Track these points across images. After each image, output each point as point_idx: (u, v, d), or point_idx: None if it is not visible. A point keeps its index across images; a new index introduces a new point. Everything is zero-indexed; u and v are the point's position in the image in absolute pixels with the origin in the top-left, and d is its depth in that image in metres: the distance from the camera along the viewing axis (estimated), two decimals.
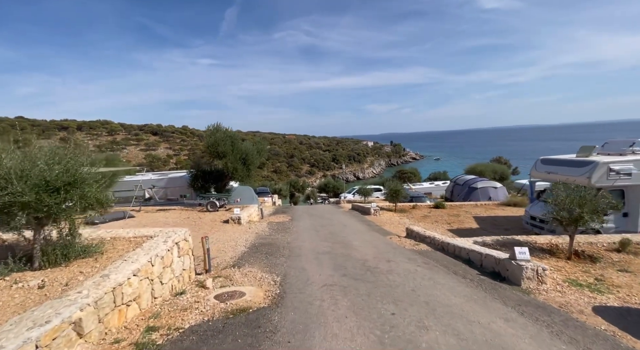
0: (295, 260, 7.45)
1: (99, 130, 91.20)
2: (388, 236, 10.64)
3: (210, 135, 15.86)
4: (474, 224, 14.12)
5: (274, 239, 10.07)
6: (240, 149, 16.31)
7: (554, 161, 11.66)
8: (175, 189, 16.88)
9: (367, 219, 15.08)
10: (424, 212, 16.80)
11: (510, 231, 12.60)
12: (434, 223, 14.38)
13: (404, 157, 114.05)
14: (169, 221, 12.46)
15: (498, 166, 32.44)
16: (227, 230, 11.18)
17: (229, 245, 9.12)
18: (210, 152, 15.83)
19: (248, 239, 9.90)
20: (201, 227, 11.58)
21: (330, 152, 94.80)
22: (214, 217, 13.43)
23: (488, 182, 21.47)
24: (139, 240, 5.90)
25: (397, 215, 16.26)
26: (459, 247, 7.45)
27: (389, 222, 14.15)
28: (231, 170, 15.66)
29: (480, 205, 18.39)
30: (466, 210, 17.19)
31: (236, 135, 16.75)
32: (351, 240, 9.79)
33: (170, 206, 15.81)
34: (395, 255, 7.67)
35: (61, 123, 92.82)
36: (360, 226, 12.79)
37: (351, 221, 14.25)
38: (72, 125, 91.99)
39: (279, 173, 76.56)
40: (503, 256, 6.04)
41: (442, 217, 15.42)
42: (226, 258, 7.86)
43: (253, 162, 16.45)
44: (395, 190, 16.94)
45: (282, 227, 12.38)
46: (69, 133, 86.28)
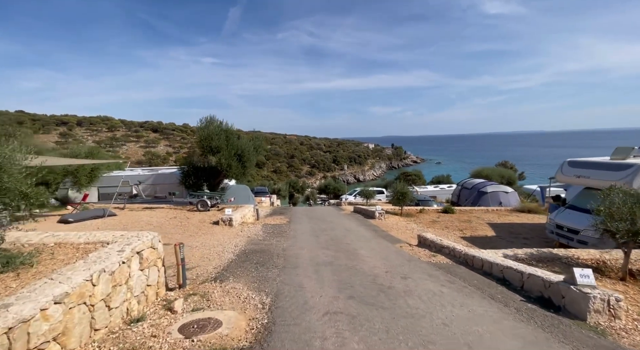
0: (290, 273, 6.13)
1: (99, 126, 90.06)
2: (398, 244, 9.31)
3: (203, 128, 14.55)
4: (489, 231, 12.80)
5: (267, 244, 8.74)
6: (235, 145, 14.99)
7: (585, 164, 10.34)
8: (165, 186, 15.58)
9: (371, 223, 13.75)
10: (432, 217, 15.48)
11: (531, 241, 11.30)
12: (444, 229, 13.07)
13: (405, 160, 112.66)
14: (153, 221, 11.13)
15: (505, 171, 31.13)
16: (216, 233, 9.85)
17: (214, 252, 7.79)
18: (203, 147, 14.51)
19: (238, 244, 8.57)
20: (187, 229, 10.25)
21: (331, 153, 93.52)
22: (204, 218, 12.10)
23: (498, 187, 20.16)
24: (91, 247, 4.58)
25: (403, 219, 14.93)
26: (489, 261, 6.12)
27: (396, 228, 12.82)
28: (225, 166, 14.33)
29: (492, 210, 17.07)
30: (477, 215, 15.87)
31: (231, 129, 15.44)
32: (356, 248, 8.46)
33: (158, 204, 14.49)
34: (411, 270, 6.34)
35: (61, 118, 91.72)
36: (365, 231, 11.46)
37: (354, 225, 12.92)
38: (72, 120, 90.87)
39: (278, 173, 75.31)
40: (554, 278, 4.72)
41: (453, 223, 14.10)
42: (209, 268, 6.53)
43: (249, 159, 15.13)
44: (401, 193, 15.61)
45: (279, 230, 11.06)
46: (68, 128, 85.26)
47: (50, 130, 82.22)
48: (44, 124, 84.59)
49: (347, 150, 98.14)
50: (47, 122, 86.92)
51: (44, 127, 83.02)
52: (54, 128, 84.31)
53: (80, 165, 12.09)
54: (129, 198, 14.55)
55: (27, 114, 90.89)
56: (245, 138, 16.12)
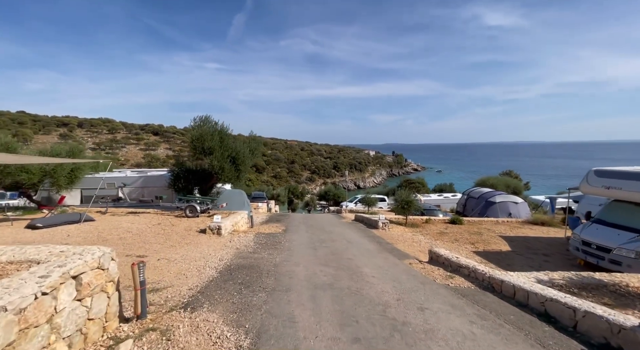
0: (281, 299, 4.96)
1: (100, 128, 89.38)
2: (406, 260, 8.13)
3: (196, 128, 13.46)
4: (503, 245, 11.63)
5: (258, 258, 7.56)
6: (229, 146, 13.89)
7: (615, 174, 9.22)
8: (154, 189, 14.45)
9: (374, 233, 12.57)
10: (439, 228, 14.30)
11: (552, 258, 10.12)
12: (454, 242, 11.90)
13: (406, 167, 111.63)
14: (133, 228, 9.96)
15: (511, 180, 30.00)
16: (201, 244, 8.68)
17: (195, 267, 6.62)
18: (195, 148, 13.41)
19: (224, 258, 7.40)
20: (169, 238, 9.07)
21: (332, 159, 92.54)
22: (191, 225, 10.93)
23: (507, 197, 19.00)
24: (11, 269, 3.43)
25: (409, 230, 13.76)
26: (524, 289, 4.94)
27: (402, 240, 11.65)
28: (217, 169, 13.21)
29: (502, 222, 15.89)
30: (487, 227, 14.69)
31: (227, 130, 14.36)
32: (360, 265, 7.28)
33: (145, 209, 13.34)
34: (428, 297, 5.17)
35: (62, 119, 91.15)
36: (368, 244, 10.28)
37: (356, 236, 11.75)
38: (73, 122, 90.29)
39: (278, 178, 74.23)
40: (623, 320, 3.56)
41: (462, 235, 12.93)
42: (183, 289, 5.36)
43: (244, 162, 14.01)
44: (406, 201, 14.48)
45: (273, 240, 9.88)
46: (68, 129, 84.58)
47: (50, 131, 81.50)
48: (45, 125, 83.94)
49: (347, 157, 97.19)
50: (47, 123, 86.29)
51: (45, 128, 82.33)
52: (54, 129, 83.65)
53: (59, 165, 11.02)
54: (113, 201, 13.42)
55: (28, 114, 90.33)
56: (242, 140, 15.04)
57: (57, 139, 77.15)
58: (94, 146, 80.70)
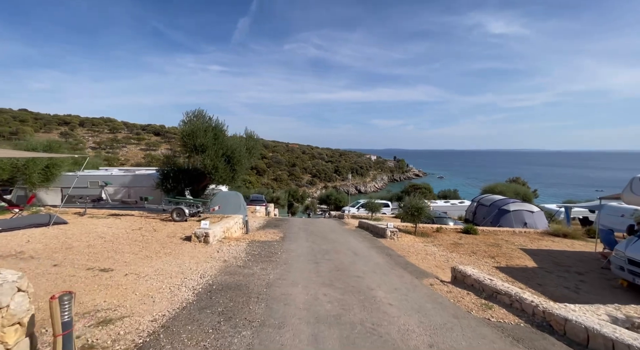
0: (271, 340, 3.61)
1: (101, 127, 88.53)
2: (425, 280, 6.76)
3: (187, 123, 12.17)
4: (527, 260, 10.24)
5: (248, 275, 6.21)
6: (224, 144, 12.60)
7: None
8: (142, 190, 13.12)
9: (382, 244, 11.20)
10: (452, 238, 12.93)
11: (588, 277, 8.72)
12: (471, 255, 10.53)
13: (407, 173, 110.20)
14: (108, 233, 8.61)
15: (520, 187, 28.61)
16: (183, 254, 7.32)
17: (168, 286, 5.28)
18: (186, 145, 12.11)
19: (207, 273, 6.05)
20: (147, 246, 7.72)
21: (333, 163, 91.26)
22: (176, 230, 9.58)
23: (522, 205, 17.62)
24: None
25: (419, 240, 12.38)
26: (604, 336, 3.57)
27: (414, 252, 10.28)
28: (210, 168, 11.89)
29: (519, 233, 14.50)
30: (505, 238, 13.32)
31: (222, 126, 13.06)
32: (372, 286, 5.92)
33: (130, 211, 12.00)
34: (470, 342, 3.81)
35: (64, 118, 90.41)
36: (377, 257, 8.91)
37: (363, 247, 10.37)
38: (75, 120, 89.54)
39: (279, 181, 72.94)
40: None
41: (479, 247, 11.56)
42: (143, 321, 4.01)
43: (240, 162, 12.68)
44: (416, 208, 13.12)
45: (268, 251, 8.53)
46: (70, 128, 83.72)
47: (52, 130, 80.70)
48: (46, 123, 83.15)
49: (349, 161, 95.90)
50: (49, 121, 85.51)
51: (46, 126, 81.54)
52: (55, 127, 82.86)
53: (31, 160, 9.75)
54: (93, 202, 12.11)
55: (30, 112, 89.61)
56: (238, 139, 13.72)
57: (57, 137, 76.30)
58: (95, 145, 79.80)
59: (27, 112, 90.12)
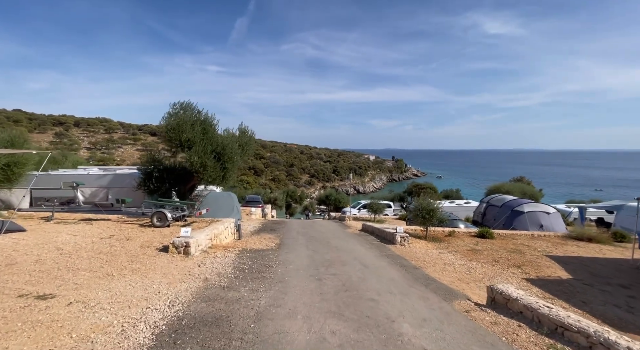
0: None
1: (97, 128, 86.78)
2: (456, 302, 5.37)
3: (173, 116, 10.73)
4: (557, 269, 8.87)
5: (232, 301, 4.79)
6: (214, 140, 11.17)
7: None
8: (123, 191, 11.67)
9: (392, 251, 9.80)
10: (467, 243, 11.56)
11: (635, 291, 7.36)
12: (493, 264, 9.15)
13: (406, 172, 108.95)
14: (70, 243, 7.15)
15: (526, 187, 27.35)
16: (155, 270, 5.89)
17: (120, 322, 3.85)
18: (171, 140, 10.67)
19: (178, 300, 4.62)
20: (112, 261, 6.27)
21: (331, 163, 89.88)
22: (154, 238, 8.12)
23: (537, 205, 16.29)
24: None
25: (432, 246, 11.00)
26: None
27: (430, 261, 8.88)
28: (197, 166, 10.46)
29: (539, 236, 13.15)
30: (525, 243, 11.96)
31: (211, 121, 11.63)
32: (391, 314, 4.53)
33: (106, 215, 10.53)
34: None
35: (58, 118, 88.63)
36: (390, 269, 7.51)
37: (371, 256, 8.97)
38: (70, 121, 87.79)
39: (277, 182, 71.49)
40: None
41: (500, 254, 10.19)
42: None
43: (231, 159, 11.24)
44: (428, 210, 11.73)
45: (261, 264, 7.11)
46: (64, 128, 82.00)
47: (46, 130, 78.96)
48: (41, 124, 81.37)
49: (347, 161, 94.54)
50: (43, 121, 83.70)
51: (40, 126, 79.77)
52: (50, 128, 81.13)
53: None
54: (62, 205, 10.63)
55: (25, 112, 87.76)
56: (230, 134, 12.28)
57: (52, 138, 74.62)
58: (90, 146, 78.12)
59: (21, 113, 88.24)
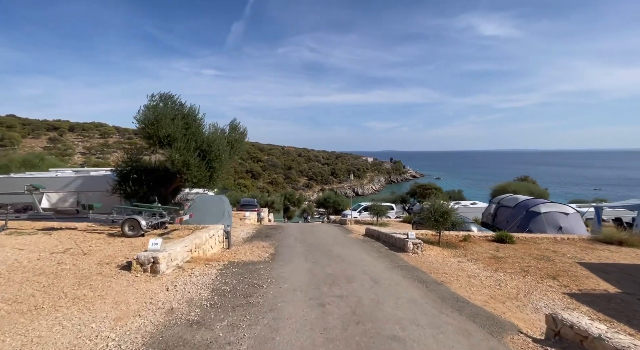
0: None
1: (92, 133, 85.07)
2: (507, 337, 3.96)
3: (151, 109, 9.29)
4: (600, 281, 7.47)
5: (198, 345, 3.35)
6: (199, 136, 9.75)
7: None
8: (96, 195, 10.21)
9: (405, 261, 8.37)
10: (486, 250, 10.15)
11: None
12: (523, 274, 7.73)
13: (404, 174, 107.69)
14: (9, 260, 5.66)
15: (533, 186, 26.08)
16: (104, 299, 4.42)
17: None
18: (149, 137, 9.24)
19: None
20: (53, 285, 4.79)
21: (330, 165, 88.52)
22: (119, 252, 6.64)
23: (554, 206, 14.94)
24: None
25: (448, 253, 9.58)
26: None
27: (451, 273, 7.46)
28: (179, 166, 9.01)
29: (563, 240, 11.77)
30: (550, 248, 10.56)
31: (196, 114, 10.22)
32: None
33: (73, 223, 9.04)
34: None
35: (53, 123, 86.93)
36: (408, 286, 6.08)
37: (382, 268, 7.53)
38: (64, 126, 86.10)
39: (275, 184, 70.01)
40: None
41: (527, 262, 8.78)
42: None
43: (219, 157, 9.80)
44: (442, 213, 10.33)
45: (248, 283, 5.66)
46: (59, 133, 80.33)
47: (40, 135, 77.28)
48: (34, 129, 79.70)
49: (345, 163, 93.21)
50: (37, 126, 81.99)
51: (34, 131, 78.10)
52: (44, 133, 79.46)
53: None
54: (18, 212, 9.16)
55: (18, 118, 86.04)
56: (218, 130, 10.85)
57: (46, 143, 72.96)
58: (84, 150, 76.42)
59: (14, 118, 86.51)
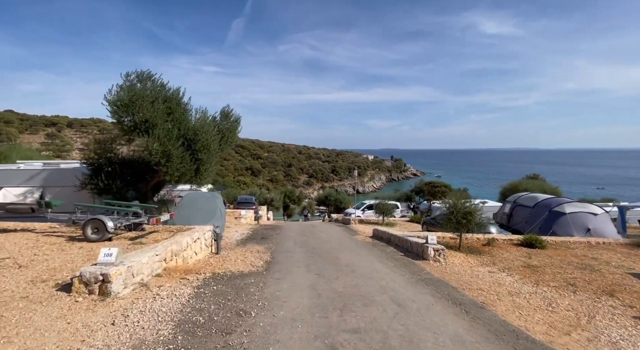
0: None
1: (90, 128, 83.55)
2: None
3: (125, 90, 7.78)
4: None
5: None
6: (184, 123, 8.24)
7: None
8: (64, 191, 8.72)
9: (428, 272, 6.89)
10: (516, 256, 8.66)
11: None
12: (573, 290, 6.22)
13: (405, 172, 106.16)
14: None
15: (546, 185, 24.58)
16: (9, 346, 2.97)
17: None
18: (120, 122, 7.74)
19: None
20: None
21: (330, 163, 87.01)
22: (68, 264, 5.14)
23: (581, 205, 13.42)
24: None
25: (473, 261, 8.09)
26: None
27: (487, 288, 5.98)
28: (158, 156, 7.52)
29: (598, 244, 10.28)
30: (588, 254, 9.07)
31: (180, 98, 8.70)
32: None
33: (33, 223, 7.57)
34: None
35: (51, 119, 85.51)
36: (442, 310, 4.59)
37: (402, 282, 6.05)
38: (63, 121, 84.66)
39: (275, 182, 68.55)
40: None
41: (569, 273, 7.28)
42: None
43: (207, 148, 8.31)
44: (464, 214, 8.84)
45: (231, 310, 4.18)
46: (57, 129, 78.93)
47: (38, 131, 75.90)
48: (32, 124, 78.31)
49: (346, 161, 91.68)
50: (35, 122, 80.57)
51: (32, 127, 76.72)
52: (42, 129, 78.12)
53: None
54: None
55: (16, 113, 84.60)
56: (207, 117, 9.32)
57: (44, 139, 71.52)
58: (83, 146, 74.89)
59: (12, 114, 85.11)
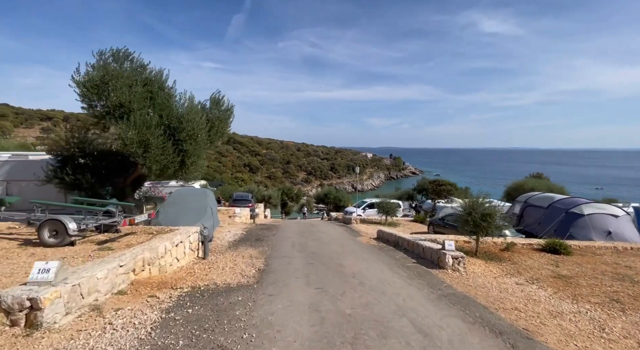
0: None
1: None
2: None
3: (97, 69, 6.64)
4: None
5: None
6: (167, 109, 7.11)
7: None
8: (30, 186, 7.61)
9: (449, 284, 5.83)
10: (541, 264, 7.62)
11: None
12: (620, 307, 5.22)
13: (404, 170, 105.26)
14: None
15: (553, 184, 23.61)
16: None
17: None
18: (91, 106, 6.61)
19: None
20: None
21: (329, 160, 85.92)
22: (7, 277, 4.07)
23: (600, 206, 12.41)
24: None
25: (496, 270, 7.05)
26: None
27: (524, 309, 4.93)
28: (134, 146, 6.39)
29: (626, 250, 9.26)
30: (621, 262, 8.04)
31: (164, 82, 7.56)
32: None
33: None
34: None
35: (47, 113, 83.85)
36: (479, 343, 3.56)
37: (422, 299, 4.99)
38: (59, 115, 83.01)
39: (273, 179, 67.40)
40: None
41: (607, 285, 6.27)
42: None
43: (193, 138, 7.21)
44: (483, 215, 7.78)
45: (206, 344, 3.13)
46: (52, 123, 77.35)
47: (33, 125, 74.35)
48: (27, 118, 76.75)
49: (345, 159, 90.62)
50: (31, 116, 78.99)
51: (27, 121, 75.15)
52: (37, 123, 76.54)
53: None
54: None
55: (12, 107, 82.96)
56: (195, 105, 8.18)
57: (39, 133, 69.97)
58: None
59: (7, 107, 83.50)
